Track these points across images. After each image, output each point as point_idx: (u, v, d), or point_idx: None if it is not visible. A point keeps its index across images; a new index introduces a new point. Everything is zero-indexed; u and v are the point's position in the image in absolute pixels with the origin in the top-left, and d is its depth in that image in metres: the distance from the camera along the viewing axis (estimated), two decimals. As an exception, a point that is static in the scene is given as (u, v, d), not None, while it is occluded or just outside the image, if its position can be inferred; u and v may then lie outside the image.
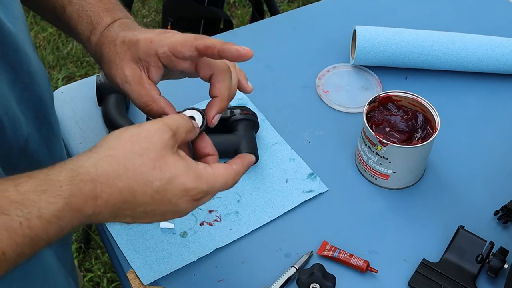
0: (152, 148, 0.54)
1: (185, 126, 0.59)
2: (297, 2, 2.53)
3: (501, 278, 0.79)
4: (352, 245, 0.83)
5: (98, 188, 0.51)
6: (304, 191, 0.88)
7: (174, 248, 0.82)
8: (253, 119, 0.92)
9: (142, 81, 0.64)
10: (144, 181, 0.53)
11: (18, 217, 0.47)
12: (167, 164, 0.54)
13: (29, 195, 0.48)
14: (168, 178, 0.54)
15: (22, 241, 0.47)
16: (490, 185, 0.91)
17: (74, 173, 0.51)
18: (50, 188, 0.49)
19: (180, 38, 0.63)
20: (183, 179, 0.55)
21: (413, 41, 1.02)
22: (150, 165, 0.54)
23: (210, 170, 0.58)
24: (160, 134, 0.55)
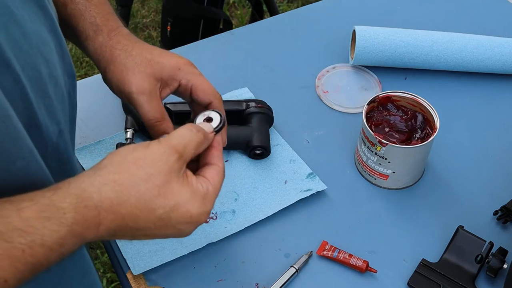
0: (157, 174, 0.53)
1: (194, 141, 0.58)
2: (297, 3, 2.53)
3: (501, 278, 0.79)
4: (352, 245, 0.83)
5: (102, 215, 0.51)
6: (302, 190, 0.88)
7: (168, 242, 0.82)
8: (267, 113, 0.93)
9: (158, 98, 0.68)
10: (147, 209, 0.53)
11: (21, 244, 0.46)
12: (171, 191, 0.54)
13: (32, 222, 0.47)
14: (172, 205, 0.54)
15: (24, 268, 0.47)
16: (490, 185, 0.91)
17: (78, 199, 0.50)
18: (53, 216, 0.48)
19: (205, 85, 0.71)
20: (188, 206, 0.55)
21: (412, 41, 1.02)
22: (154, 192, 0.53)
23: (211, 186, 0.58)
24: (165, 158, 0.54)
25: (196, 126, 0.60)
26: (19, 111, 0.50)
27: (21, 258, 0.46)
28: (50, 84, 0.56)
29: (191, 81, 0.70)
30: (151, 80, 0.68)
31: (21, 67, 0.50)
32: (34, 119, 0.53)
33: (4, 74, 0.48)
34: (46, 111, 0.55)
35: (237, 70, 1.05)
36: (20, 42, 0.51)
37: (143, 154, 0.54)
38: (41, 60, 0.54)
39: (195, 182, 0.57)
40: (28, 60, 0.52)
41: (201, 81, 0.71)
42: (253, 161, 0.92)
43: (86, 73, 2.26)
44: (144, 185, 0.52)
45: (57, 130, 0.58)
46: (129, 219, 0.52)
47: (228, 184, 0.89)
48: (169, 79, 0.70)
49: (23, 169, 0.50)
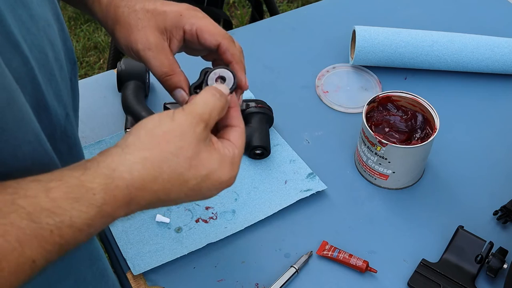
0: (187, 146, 0.53)
1: (219, 106, 0.57)
2: (297, 2, 2.53)
3: (501, 278, 0.79)
4: (352, 245, 0.83)
5: (133, 193, 0.50)
6: (302, 190, 0.88)
7: (168, 242, 0.82)
8: (267, 113, 0.93)
9: (166, 51, 0.65)
10: (180, 182, 0.53)
11: (49, 225, 0.46)
12: (202, 161, 0.54)
13: (61, 203, 0.47)
14: (204, 175, 0.54)
15: (52, 248, 0.46)
16: (490, 185, 0.91)
17: (108, 179, 0.49)
18: (83, 197, 0.48)
19: (211, 26, 0.66)
20: (219, 173, 0.55)
21: (412, 41, 1.02)
22: (186, 165, 0.53)
23: (236, 150, 0.57)
24: (193, 129, 0.54)
25: (218, 90, 0.58)
26: (27, 93, 0.50)
27: (49, 238, 0.46)
28: (56, 67, 0.56)
29: (195, 25, 0.66)
30: (155, 33, 0.65)
31: (29, 48, 0.50)
32: (43, 101, 0.52)
33: (13, 55, 0.48)
34: (53, 93, 0.55)
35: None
36: (28, 24, 0.51)
37: (171, 127, 0.53)
38: (47, 43, 0.54)
39: (222, 147, 0.56)
40: (35, 42, 0.52)
41: (206, 23, 0.66)
42: (253, 161, 0.92)
43: (86, 73, 2.26)
44: (175, 159, 0.52)
45: (64, 113, 0.57)
46: (162, 193, 0.52)
47: (228, 184, 0.89)
48: (173, 28, 0.66)
49: (30, 153, 0.50)
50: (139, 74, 0.97)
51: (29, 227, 0.45)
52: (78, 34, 2.38)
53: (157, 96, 1.00)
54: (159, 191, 0.52)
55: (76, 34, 2.39)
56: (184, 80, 0.65)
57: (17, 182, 0.47)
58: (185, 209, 0.86)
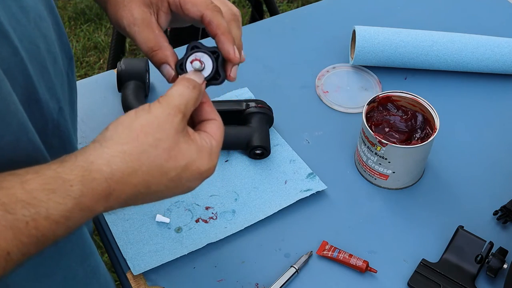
0: (165, 138, 0.53)
1: (193, 98, 0.57)
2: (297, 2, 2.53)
3: (501, 278, 0.79)
4: (352, 245, 0.83)
5: (112, 187, 0.50)
6: (302, 190, 0.88)
7: (168, 242, 0.82)
8: (267, 113, 0.93)
9: (152, 25, 0.63)
10: (159, 173, 0.52)
11: (25, 217, 0.45)
12: (180, 152, 0.53)
13: (37, 194, 0.46)
14: (183, 166, 0.54)
15: (28, 241, 0.46)
16: (490, 185, 0.91)
17: (85, 171, 0.49)
18: (59, 188, 0.47)
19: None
20: (197, 164, 0.55)
21: (412, 41, 1.02)
22: (164, 156, 0.52)
23: (214, 141, 0.57)
24: (171, 120, 0.54)
25: (192, 81, 0.57)
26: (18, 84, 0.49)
27: (25, 230, 0.45)
28: (49, 60, 0.55)
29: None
30: (141, 7, 0.63)
31: (19, 39, 0.50)
32: (34, 94, 0.52)
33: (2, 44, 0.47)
34: (45, 86, 0.54)
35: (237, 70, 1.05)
36: (18, 15, 0.50)
37: (148, 120, 0.53)
38: (39, 35, 0.54)
39: (199, 138, 0.56)
40: (26, 34, 0.51)
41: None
42: (253, 161, 0.92)
43: (86, 73, 2.26)
44: (154, 151, 0.52)
45: (57, 107, 0.57)
46: (141, 186, 0.52)
47: (228, 184, 0.89)
48: (158, 1, 0.64)
49: (12, 143, 0.49)
50: (139, 74, 0.97)
51: (4, 218, 0.44)
52: (78, 34, 2.38)
53: (157, 96, 1.00)
54: (138, 184, 0.51)
55: (76, 34, 2.39)
56: (171, 55, 0.63)
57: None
58: (185, 209, 0.86)
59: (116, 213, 0.84)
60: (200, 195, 0.87)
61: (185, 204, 0.86)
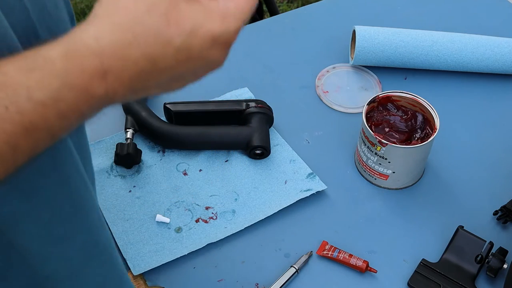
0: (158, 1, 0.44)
1: None
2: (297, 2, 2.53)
3: (501, 278, 0.79)
4: (352, 245, 0.83)
5: (106, 63, 0.42)
6: (302, 190, 0.88)
7: (168, 242, 0.82)
8: (267, 113, 0.93)
9: None
10: (161, 43, 0.44)
11: (2, 100, 0.39)
12: (183, 14, 0.44)
13: (14, 75, 0.40)
14: (189, 30, 0.44)
15: (13, 129, 0.40)
16: (490, 185, 0.91)
17: (70, 46, 0.42)
18: (40, 67, 0.41)
19: None
20: (207, 26, 0.45)
21: (412, 41, 1.02)
22: (162, 21, 0.44)
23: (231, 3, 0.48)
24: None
25: None
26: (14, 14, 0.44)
27: (6, 116, 0.39)
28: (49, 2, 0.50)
29: None
30: None
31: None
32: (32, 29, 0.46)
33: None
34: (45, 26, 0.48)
35: (237, 70, 1.05)
36: None
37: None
38: None
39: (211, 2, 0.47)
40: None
41: None
42: (253, 161, 0.92)
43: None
44: (148, 18, 0.43)
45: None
46: (144, 62, 0.44)
47: (228, 184, 0.89)
48: None
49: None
50: None
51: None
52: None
53: (157, 96, 1.00)
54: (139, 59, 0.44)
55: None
56: None
57: None
58: (185, 209, 0.86)
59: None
60: (200, 195, 0.87)
61: (185, 204, 0.86)
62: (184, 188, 0.88)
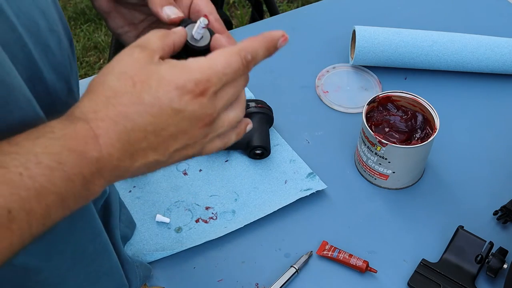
0: (125, 69, 0.48)
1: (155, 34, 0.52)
2: (297, 2, 2.53)
3: (501, 278, 0.79)
4: (352, 245, 0.83)
5: (92, 125, 0.46)
6: (302, 190, 0.88)
7: (168, 242, 0.82)
8: (267, 113, 0.93)
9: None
10: (132, 101, 0.47)
11: (17, 167, 0.43)
12: (147, 74, 0.48)
13: (24, 144, 0.44)
14: (154, 86, 0.48)
15: (27, 194, 0.43)
16: (490, 185, 0.91)
17: (63, 117, 0.47)
18: (43, 135, 0.45)
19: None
20: (169, 77, 0.48)
21: (412, 41, 1.02)
22: (129, 83, 0.48)
23: (202, 58, 0.50)
24: (128, 53, 0.50)
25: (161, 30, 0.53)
26: (18, 61, 0.47)
27: (20, 182, 0.42)
28: (52, 39, 0.53)
29: None
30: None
31: (15, 15, 0.47)
32: (37, 72, 0.50)
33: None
34: (50, 66, 0.52)
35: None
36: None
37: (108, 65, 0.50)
38: (38, 12, 0.51)
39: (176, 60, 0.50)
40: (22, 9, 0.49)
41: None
42: (253, 161, 0.92)
43: (86, 73, 2.26)
44: (116, 82, 0.48)
45: (66, 88, 0.54)
46: (122, 119, 0.47)
47: (228, 184, 0.89)
48: None
49: (21, 119, 0.47)
50: None
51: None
52: (78, 34, 2.38)
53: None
54: (117, 117, 0.47)
55: (76, 34, 2.39)
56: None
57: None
58: (185, 209, 0.86)
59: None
60: (200, 195, 0.87)
61: (185, 204, 0.86)
62: (184, 188, 0.88)
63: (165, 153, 0.50)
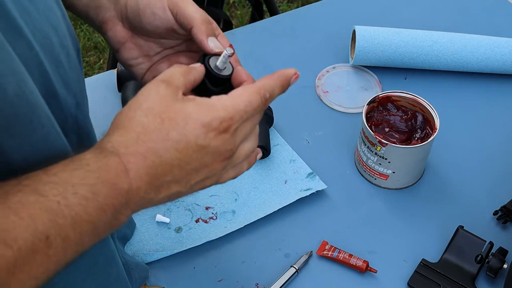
0: (152, 105, 0.52)
1: (179, 71, 0.55)
2: (297, 2, 2.53)
3: (501, 278, 0.79)
4: (352, 245, 0.83)
5: (123, 159, 0.49)
6: (302, 190, 0.88)
7: (168, 242, 0.82)
8: (267, 113, 0.93)
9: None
10: (160, 138, 0.51)
11: (55, 196, 0.45)
12: (174, 111, 0.51)
13: (61, 175, 0.47)
14: (181, 123, 0.51)
15: (64, 222, 0.45)
16: (490, 185, 0.91)
17: (96, 150, 0.50)
18: (79, 167, 0.48)
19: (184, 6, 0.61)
20: (196, 115, 0.51)
21: (412, 41, 1.02)
22: (157, 120, 0.51)
23: (225, 96, 0.54)
24: (154, 89, 0.53)
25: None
26: (35, 79, 0.49)
27: (58, 210, 0.45)
28: (62, 53, 0.54)
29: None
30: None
31: (32, 33, 0.49)
32: (51, 89, 0.52)
33: (17, 40, 0.47)
34: (61, 81, 0.54)
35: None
36: (28, 8, 0.50)
37: (134, 100, 0.53)
38: (50, 28, 0.53)
39: (200, 98, 0.53)
40: (38, 27, 0.50)
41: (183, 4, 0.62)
42: (253, 161, 0.92)
43: (86, 73, 2.26)
44: (145, 119, 0.51)
45: (75, 102, 0.56)
46: (151, 155, 0.50)
47: (228, 184, 0.89)
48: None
49: (43, 137, 0.49)
50: None
51: (38, 201, 0.45)
52: (78, 34, 2.38)
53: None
54: (146, 153, 0.50)
55: (76, 34, 2.39)
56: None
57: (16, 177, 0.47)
58: (185, 209, 0.86)
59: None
60: (200, 195, 0.87)
61: (185, 204, 0.86)
62: (184, 188, 0.88)
63: (187, 185, 0.54)
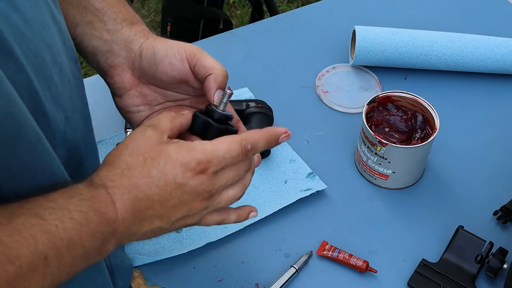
0: (137, 146, 0.57)
1: (166, 116, 0.61)
2: (297, 2, 2.53)
3: (501, 278, 0.79)
4: (352, 245, 0.83)
5: (110, 191, 0.54)
6: (302, 190, 0.88)
7: (168, 242, 0.82)
8: (267, 113, 0.93)
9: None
10: (142, 175, 0.55)
11: (54, 220, 0.49)
12: (156, 152, 0.56)
13: (59, 201, 0.50)
14: (161, 162, 0.56)
15: (61, 244, 0.49)
16: (490, 185, 0.91)
17: (87, 183, 0.54)
18: (74, 195, 0.52)
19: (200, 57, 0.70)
20: (175, 156, 0.56)
21: (412, 41, 1.02)
22: (140, 159, 0.56)
23: (207, 141, 0.59)
24: (141, 132, 0.58)
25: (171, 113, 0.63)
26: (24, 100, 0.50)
27: (56, 233, 0.48)
28: (55, 70, 0.55)
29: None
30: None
31: (24, 55, 0.50)
32: (40, 107, 0.53)
33: (7, 63, 0.48)
34: (52, 98, 0.55)
35: (237, 70, 1.05)
36: (22, 29, 0.50)
37: (123, 142, 0.59)
38: (44, 47, 0.54)
39: (185, 141, 0.58)
40: (31, 47, 0.51)
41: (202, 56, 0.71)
42: (253, 161, 0.92)
43: (86, 73, 2.25)
44: (130, 158, 0.56)
45: (64, 117, 0.58)
46: (133, 189, 0.55)
47: (228, 184, 0.89)
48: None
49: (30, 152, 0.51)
50: None
51: (39, 223, 0.48)
52: (78, 34, 2.38)
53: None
54: (129, 187, 0.55)
55: (76, 34, 2.39)
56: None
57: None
58: (185, 209, 0.86)
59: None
60: (200, 195, 0.87)
61: (185, 204, 0.86)
62: (184, 188, 0.88)
63: (168, 221, 0.58)
